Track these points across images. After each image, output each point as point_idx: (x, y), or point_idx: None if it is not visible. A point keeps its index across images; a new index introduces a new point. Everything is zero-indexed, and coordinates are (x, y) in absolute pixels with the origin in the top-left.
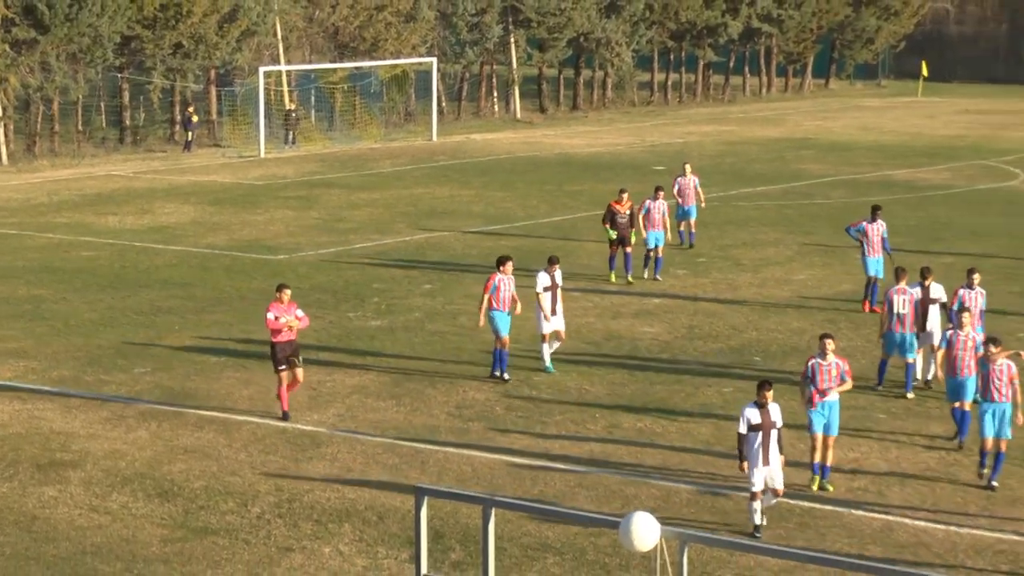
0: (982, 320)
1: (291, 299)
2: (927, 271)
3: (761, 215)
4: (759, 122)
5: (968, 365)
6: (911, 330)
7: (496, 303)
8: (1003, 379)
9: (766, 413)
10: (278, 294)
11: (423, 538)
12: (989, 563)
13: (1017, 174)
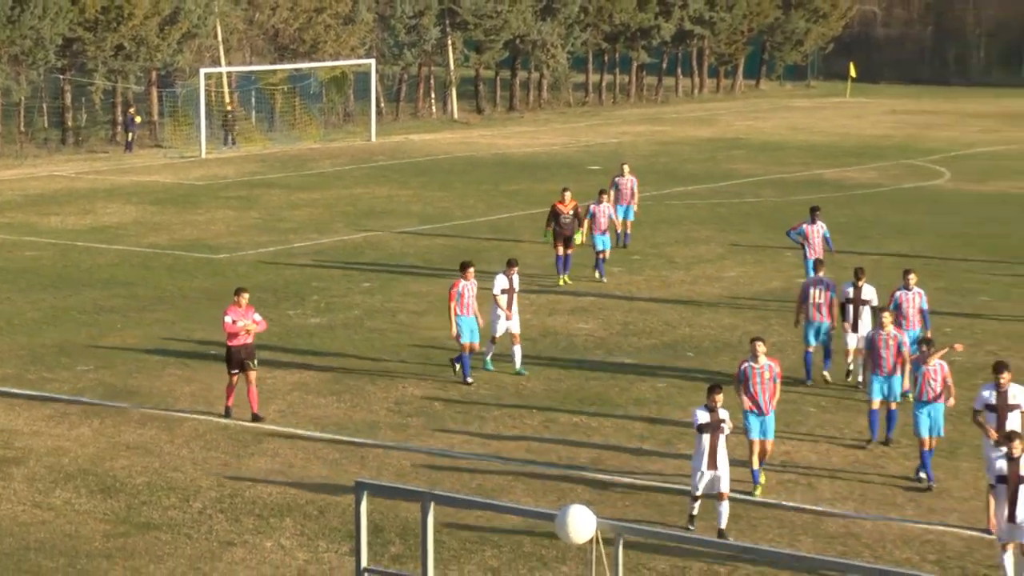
0: (924, 320)
1: (249, 303)
2: (860, 272)
3: (693, 214)
4: (691, 122)
5: (892, 365)
6: (828, 319)
7: (460, 308)
8: (937, 379)
9: (716, 416)
10: (236, 297)
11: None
12: (916, 553)
13: (942, 173)
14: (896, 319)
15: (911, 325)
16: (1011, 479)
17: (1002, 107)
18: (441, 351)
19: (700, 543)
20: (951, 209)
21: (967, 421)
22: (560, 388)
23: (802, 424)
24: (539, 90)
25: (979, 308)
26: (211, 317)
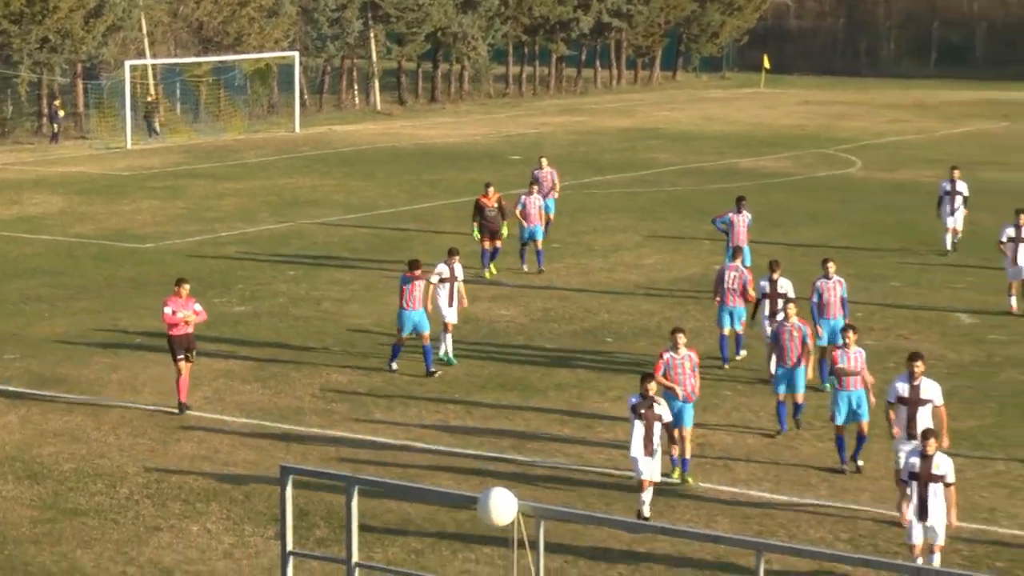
0: (844, 309)
1: (189, 293)
2: (775, 265)
3: (612, 202)
4: (610, 113)
5: (797, 356)
6: (737, 304)
7: (408, 303)
8: (857, 366)
9: (648, 406)
10: (176, 288)
11: (288, 516)
12: (829, 531)
13: (854, 162)
14: (819, 307)
15: (832, 314)
16: (922, 477)
17: (912, 98)
18: (365, 338)
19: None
20: (862, 197)
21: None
22: (482, 374)
23: (719, 407)
24: (460, 82)
25: (889, 294)
26: (137, 306)
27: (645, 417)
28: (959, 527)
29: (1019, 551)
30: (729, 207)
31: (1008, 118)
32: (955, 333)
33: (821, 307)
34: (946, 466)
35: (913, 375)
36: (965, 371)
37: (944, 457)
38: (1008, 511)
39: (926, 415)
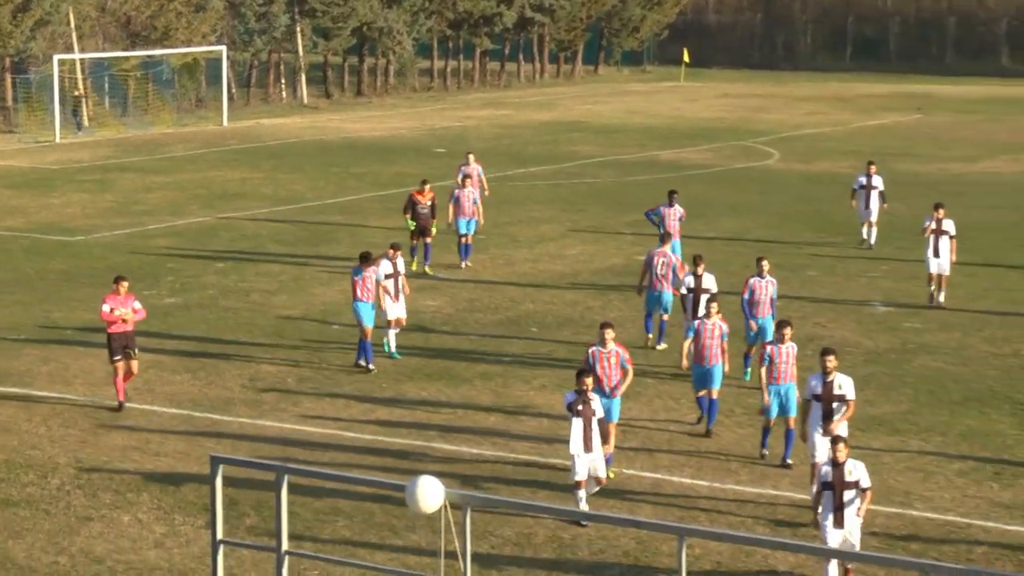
0: (773, 308)
1: (128, 291)
2: (699, 259)
3: (536, 194)
4: (533, 106)
5: (715, 354)
6: (668, 288)
7: (362, 294)
8: (788, 361)
9: (584, 401)
10: (115, 286)
11: (218, 505)
12: (750, 514)
13: (772, 154)
14: (751, 305)
15: (763, 312)
16: (836, 485)
17: (828, 91)
18: (294, 329)
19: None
20: (780, 188)
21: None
22: (408, 364)
23: (640, 395)
24: (386, 76)
25: (807, 283)
26: (68, 298)
27: (582, 414)
28: (875, 510)
29: (933, 534)
30: (661, 200)
31: (921, 110)
32: (870, 321)
33: (752, 304)
34: (859, 471)
35: (826, 371)
36: (880, 358)
37: (856, 463)
38: (922, 495)
39: (840, 411)
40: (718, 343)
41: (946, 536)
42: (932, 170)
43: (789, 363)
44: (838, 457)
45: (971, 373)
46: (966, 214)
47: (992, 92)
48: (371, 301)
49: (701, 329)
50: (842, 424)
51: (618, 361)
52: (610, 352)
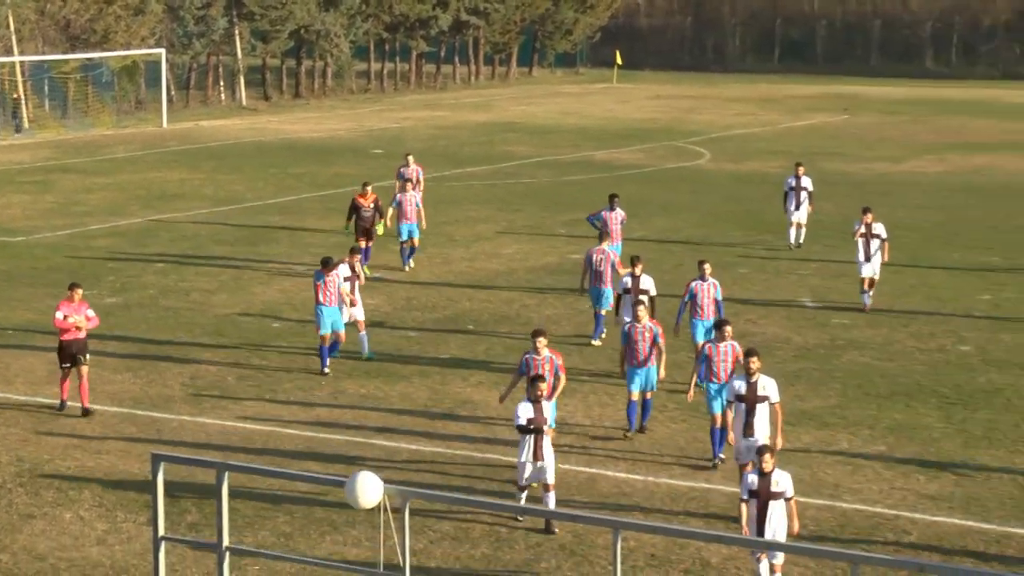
0: (718, 309)
1: (83, 298)
2: (636, 260)
3: (472, 194)
4: (469, 108)
5: (648, 356)
6: (607, 285)
7: (325, 298)
8: (727, 360)
9: (539, 409)
10: (69, 292)
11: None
12: (683, 507)
13: (703, 154)
14: (692, 307)
15: (706, 315)
16: (762, 495)
17: (756, 92)
18: (234, 328)
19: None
20: (711, 188)
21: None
22: (347, 362)
23: (576, 391)
24: (324, 78)
25: (738, 280)
26: (8, 298)
27: (535, 422)
28: (805, 503)
29: (863, 525)
30: (597, 200)
31: (848, 111)
32: (800, 318)
33: (694, 308)
34: (785, 482)
35: (750, 372)
36: (810, 354)
37: (782, 473)
38: (851, 487)
39: (763, 413)
40: (651, 345)
41: (875, 527)
42: (859, 169)
43: (728, 362)
44: (764, 467)
45: (898, 368)
46: (892, 213)
47: (916, 93)
48: (334, 305)
49: (632, 331)
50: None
51: (552, 367)
52: (544, 359)
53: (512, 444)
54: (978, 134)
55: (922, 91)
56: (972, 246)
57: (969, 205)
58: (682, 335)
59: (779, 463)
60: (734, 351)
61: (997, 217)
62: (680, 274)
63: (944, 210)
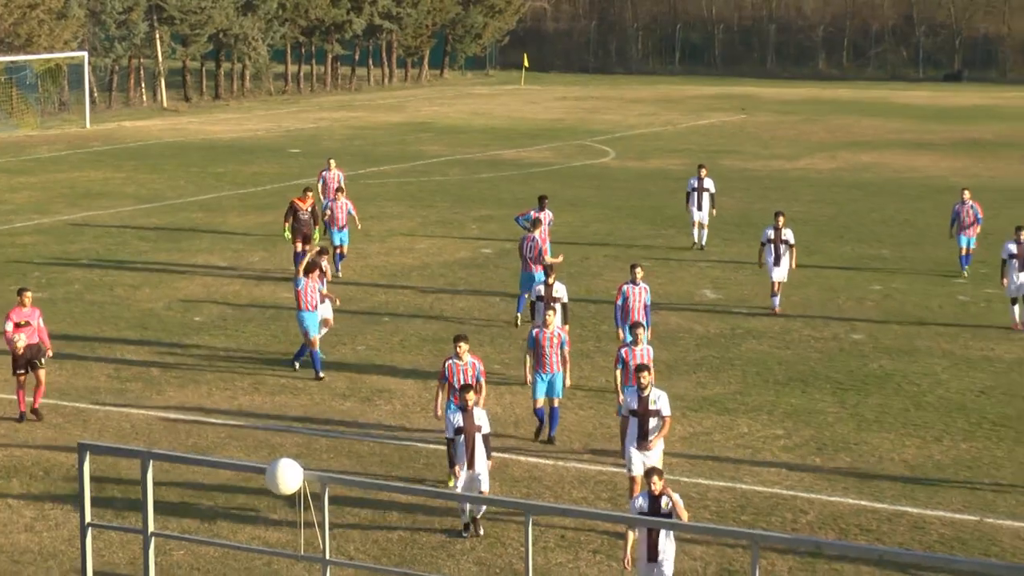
0: (648, 314)
1: (33, 303)
2: (549, 271)
3: (386, 191)
4: (383, 109)
5: (555, 362)
6: (539, 269)
7: (305, 304)
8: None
9: (469, 417)
10: (19, 297)
11: (86, 490)
12: (591, 492)
13: (608, 152)
14: (623, 311)
15: (635, 319)
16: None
17: (658, 93)
18: (157, 321)
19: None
20: (616, 184)
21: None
22: (268, 351)
23: (489, 377)
24: (242, 80)
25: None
26: None
27: (466, 431)
28: (707, 485)
29: (762, 505)
30: (533, 206)
31: (745, 111)
32: (701, 308)
33: (625, 311)
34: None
35: (641, 386)
36: (711, 343)
37: (673, 495)
38: (751, 469)
39: (656, 425)
40: (558, 352)
41: (773, 507)
42: (756, 167)
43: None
44: (653, 489)
45: (794, 356)
46: (788, 208)
47: (810, 94)
48: (315, 311)
49: (539, 338)
50: (659, 443)
51: (474, 373)
52: (466, 364)
53: (428, 431)
54: (867, 133)
55: (815, 92)
56: (863, 239)
57: (859, 200)
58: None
59: (683, 447)
60: (649, 355)
61: (886, 212)
62: (585, 267)
63: (836, 205)
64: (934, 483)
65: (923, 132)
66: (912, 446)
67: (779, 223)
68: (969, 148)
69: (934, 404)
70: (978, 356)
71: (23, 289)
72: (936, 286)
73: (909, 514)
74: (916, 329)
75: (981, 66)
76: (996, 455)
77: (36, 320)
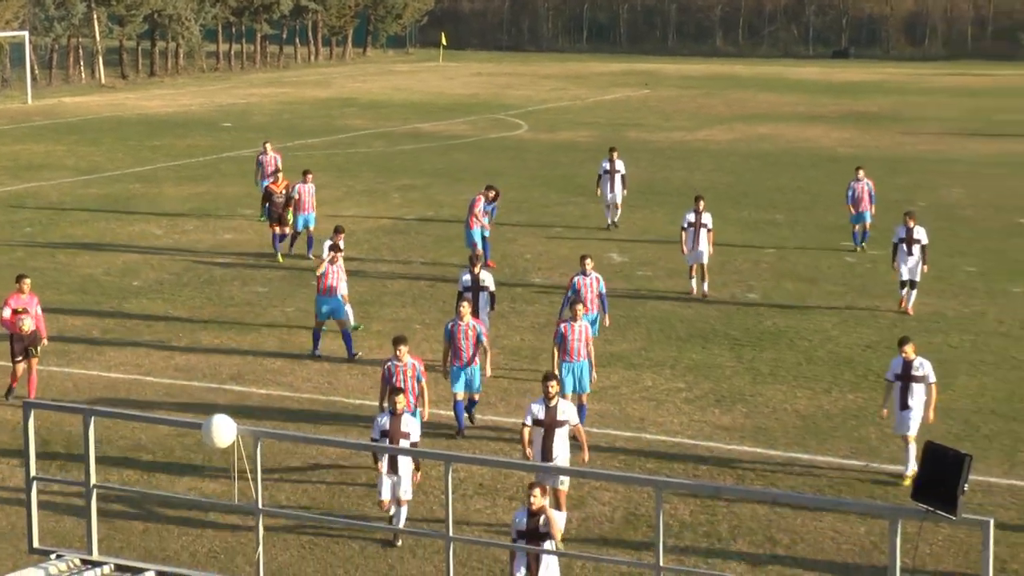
0: (602, 304)
1: (31, 290)
2: (475, 259)
3: (313, 163)
4: (309, 85)
5: (471, 356)
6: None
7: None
8: (582, 339)
9: (397, 421)
10: (18, 284)
11: (31, 446)
12: (508, 441)
13: (521, 125)
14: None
15: (590, 309)
16: (529, 537)
17: (567, 70)
18: (96, 286)
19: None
20: (529, 155)
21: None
22: (202, 314)
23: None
24: (176, 58)
25: (553, 238)
26: None
27: (391, 435)
28: (615, 435)
29: (665, 453)
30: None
31: (648, 86)
32: (609, 270)
33: (579, 302)
34: (558, 521)
35: (548, 396)
36: (618, 302)
37: (555, 513)
38: (655, 420)
39: (563, 436)
40: (473, 343)
41: (676, 455)
42: (659, 138)
43: (582, 341)
44: (532, 505)
45: (695, 314)
46: (690, 176)
47: (709, 70)
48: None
49: (455, 330)
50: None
51: (414, 374)
52: (405, 366)
53: (356, 390)
54: (762, 106)
55: (713, 68)
56: (759, 205)
57: (756, 169)
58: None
59: (590, 399)
60: (587, 332)
61: (780, 180)
62: (500, 233)
63: (734, 173)
64: (824, 431)
65: (814, 105)
66: (803, 397)
67: (699, 207)
68: (856, 120)
69: (824, 358)
70: (864, 313)
71: (21, 276)
72: (826, 248)
73: (801, 460)
74: (807, 288)
75: (866, 44)
76: (880, 404)
77: (34, 307)
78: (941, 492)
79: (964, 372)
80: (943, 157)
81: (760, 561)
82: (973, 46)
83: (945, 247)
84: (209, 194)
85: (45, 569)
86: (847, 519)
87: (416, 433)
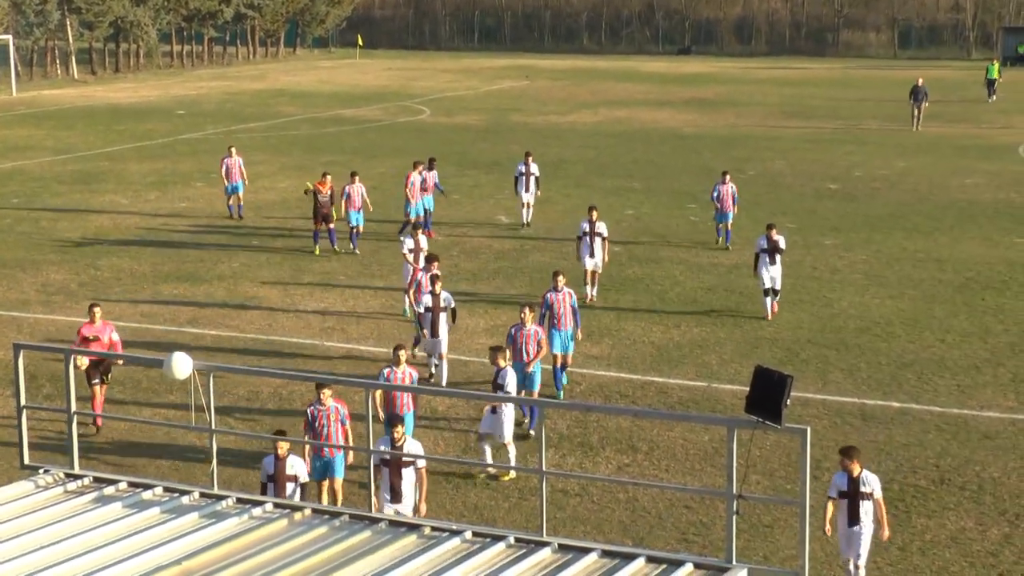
0: (576, 318)
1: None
2: (433, 258)
3: (253, 143)
4: (249, 79)
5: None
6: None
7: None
8: (565, 305)
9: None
10: (90, 313)
11: (21, 380)
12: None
13: (424, 111)
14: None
15: (563, 324)
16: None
17: (461, 65)
18: (75, 248)
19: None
20: (431, 136)
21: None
22: (163, 269)
23: (331, 286)
24: (137, 57)
25: (452, 204)
26: None
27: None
28: None
29: (546, 379)
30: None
31: (528, 78)
32: (497, 231)
33: (552, 318)
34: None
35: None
36: (505, 256)
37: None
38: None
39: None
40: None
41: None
42: (537, 121)
43: (566, 307)
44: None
45: (569, 265)
46: (563, 151)
47: (577, 65)
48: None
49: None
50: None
51: (338, 417)
52: (328, 409)
53: (291, 329)
54: (620, 94)
55: (581, 63)
56: (619, 175)
57: (616, 145)
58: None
59: (485, 338)
60: (536, 335)
61: (636, 154)
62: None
63: (597, 149)
64: (674, 359)
65: (663, 93)
66: (658, 331)
67: (592, 217)
68: (697, 105)
69: (674, 299)
70: (706, 263)
71: (94, 304)
72: (674, 210)
73: (656, 382)
74: (660, 243)
75: (704, 42)
76: (719, 336)
77: (107, 334)
78: (768, 406)
79: (786, 309)
80: (768, 135)
81: (624, 464)
82: (790, 44)
83: (771, 208)
84: (167, 169)
85: (35, 481)
86: (694, 429)
87: (303, 474)
